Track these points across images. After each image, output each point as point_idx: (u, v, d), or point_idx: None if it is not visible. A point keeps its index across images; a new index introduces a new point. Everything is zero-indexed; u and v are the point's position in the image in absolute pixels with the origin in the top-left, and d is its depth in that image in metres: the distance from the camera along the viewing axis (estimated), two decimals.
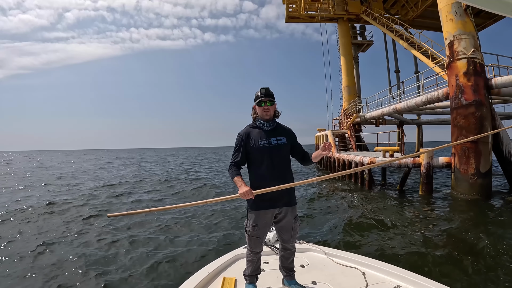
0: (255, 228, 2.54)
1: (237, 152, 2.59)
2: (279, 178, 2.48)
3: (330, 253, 3.36)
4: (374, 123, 20.80)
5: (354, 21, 26.86)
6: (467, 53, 11.07)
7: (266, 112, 2.58)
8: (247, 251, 2.69)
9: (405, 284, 2.61)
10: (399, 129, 20.48)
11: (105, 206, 10.58)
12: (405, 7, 25.85)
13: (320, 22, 26.00)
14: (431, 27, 24.54)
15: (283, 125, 2.75)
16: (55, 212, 9.59)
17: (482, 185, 10.16)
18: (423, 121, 23.92)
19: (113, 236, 6.93)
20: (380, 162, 3.73)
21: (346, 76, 26.02)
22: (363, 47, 29.10)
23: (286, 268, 2.75)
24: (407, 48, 18.76)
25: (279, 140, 2.57)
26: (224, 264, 3.10)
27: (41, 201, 11.18)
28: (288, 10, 27.51)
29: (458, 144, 10.61)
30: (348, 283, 2.71)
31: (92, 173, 24.98)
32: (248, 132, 2.62)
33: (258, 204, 2.48)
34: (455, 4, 11.80)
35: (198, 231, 7.32)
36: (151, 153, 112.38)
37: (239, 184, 2.41)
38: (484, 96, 10.68)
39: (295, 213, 2.68)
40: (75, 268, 5.10)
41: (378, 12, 23.17)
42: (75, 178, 21.42)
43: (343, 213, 9.00)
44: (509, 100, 15.36)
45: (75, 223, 8.22)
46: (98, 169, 29.86)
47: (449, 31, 11.85)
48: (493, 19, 22.91)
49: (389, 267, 2.90)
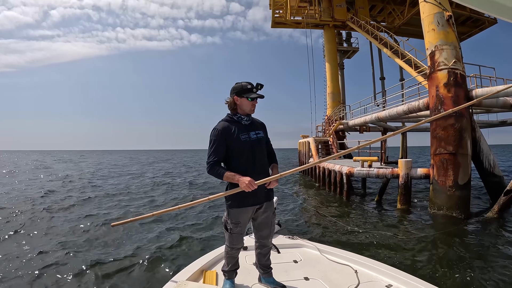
0: (238, 225, 2.47)
1: (217, 149, 2.40)
2: (260, 172, 2.45)
3: (323, 249, 3.40)
4: (358, 130, 20.76)
5: (340, 27, 26.89)
6: (448, 64, 11.02)
7: (254, 108, 2.51)
8: (226, 247, 2.60)
9: (396, 284, 2.64)
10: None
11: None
12: (391, 15, 25.99)
13: (306, 28, 25.96)
14: (417, 35, 24.71)
15: (256, 118, 2.68)
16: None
17: (460, 197, 10.03)
18: (407, 128, 23.97)
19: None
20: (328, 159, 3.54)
21: (330, 83, 25.99)
22: (349, 54, 29.16)
23: (263, 266, 2.70)
24: (390, 57, 18.77)
25: (258, 134, 2.52)
26: (207, 263, 3.03)
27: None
28: (274, 16, 27.44)
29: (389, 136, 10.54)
30: (340, 280, 2.73)
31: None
32: (227, 126, 2.46)
33: (241, 200, 2.39)
34: (437, 14, 11.79)
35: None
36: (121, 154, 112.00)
37: (237, 178, 2.29)
38: (465, 107, 10.62)
39: (273, 208, 2.66)
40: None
41: (364, 19, 23.19)
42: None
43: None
44: (491, 110, 15.48)
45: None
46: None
47: (430, 41, 11.83)
48: (479, 27, 23.21)
49: (381, 266, 2.93)
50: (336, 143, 19.68)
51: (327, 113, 25.52)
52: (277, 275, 2.72)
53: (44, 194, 13.73)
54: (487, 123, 18.90)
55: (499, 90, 10.01)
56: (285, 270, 2.94)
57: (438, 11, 11.79)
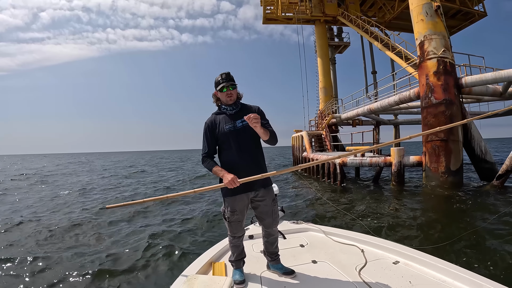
0: (234, 213, 2.47)
1: (206, 142, 2.50)
2: (249, 161, 2.44)
3: (329, 231, 3.41)
4: (351, 123, 20.88)
5: (331, 23, 27.00)
6: (437, 52, 11.16)
7: (230, 98, 2.48)
8: (229, 237, 2.61)
9: (403, 260, 2.65)
10: (375, 129, 20.61)
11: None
12: (382, 9, 26.13)
13: (297, 24, 26.06)
14: (407, 29, 24.79)
15: (248, 105, 2.63)
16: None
17: (452, 182, 10.18)
18: (400, 121, 24.18)
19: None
20: (322, 159, 3.59)
21: (322, 77, 26.06)
22: (340, 49, 29.28)
23: (271, 253, 2.66)
24: (381, 49, 18.92)
25: (244, 122, 2.42)
26: (215, 254, 2.98)
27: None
28: (265, 12, 27.42)
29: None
30: (347, 260, 2.72)
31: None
32: (214, 119, 2.53)
33: (233, 188, 2.33)
34: (426, 5, 11.95)
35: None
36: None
37: (222, 174, 2.33)
38: (454, 95, 10.76)
39: (272, 195, 2.60)
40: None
41: (354, 14, 23.34)
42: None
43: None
44: (482, 99, 15.67)
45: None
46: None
47: (419, 31, 11.97)
48: (469, 20, 23.41)
49: (387, 243, 2.94)
50: (329, 137, 19.77)
51: (319, 107, 25.63)
52: (284, 260, 2.71)
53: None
54: (478, 114, 19.06)
55: (489, 78, 10.25)
56: (293, 255, 2.93)
57: (427, 1, 11.96)
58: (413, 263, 2.58)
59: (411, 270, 2.51)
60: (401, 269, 2.53)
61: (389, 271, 2.52)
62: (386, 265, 2.61)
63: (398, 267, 2.56)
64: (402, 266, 2.58)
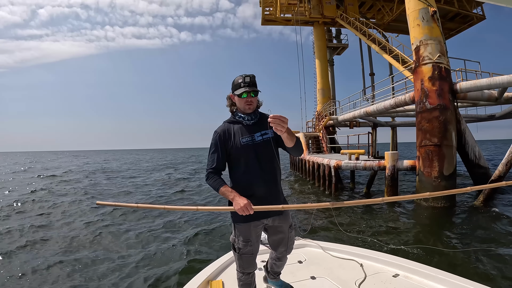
0: (248, 244, 2.09)
1: (215, 155, 2.06)
2: (268, 181, 2.07)
3: (326, 247, 3.38)
4: (348, 125, 20.94)
5: (330, 24, 27.00)
6: (433, 58, 11.22)
7: (249, 106, 2.06)
8: (238, 273, 2.24)
9: (403, 272, 2.66)
10: (372, 131, 20.69)
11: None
12: (381, 12, 26.17)
13: (296, 25, 26.07)
14: (406, 31, 24.62)
15: (266, 114, 2.16)
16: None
17: (446, 187, 10.24)
18: (397, 123, 24.25)
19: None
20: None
21: (320, 79, 26.10)
22: (339, 50, 29.36)
23: (274, 273, 2.49)
24: (379, 52, 18.96)
25: (265, 135, 2.07)
26: (213, 272, 2.90)
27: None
28: (264, 13, 27.39)
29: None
30: (346, 275, 2.72)
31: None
32: (227, 128, 2.10)
33: (248, 214, 1.92)
34: (422, 10, 11.99)
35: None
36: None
37: (232, 196, 1.93)
38: (449, 100, 10.84)
39: (289, 221, 2.24)
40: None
41: (353, 16, 23.36)
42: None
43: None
44: (478, 104, 15.75)
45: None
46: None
47: (415, 36, 12.04)
48: (468, 23, 23.40)
49: (386, 256, 2.93)
50: (326, 138, 19.86)
51: (317, 109, 25.69)
52: (283, 277, 2.61)
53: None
54: (475, 117, 19.13)
55: (483, 84, 10.33)
56: (291, 271, 2.86)
57: (423, 6, 11.99)
58: (413, 275, 2.59)
59: (412, 282, 2.51)
60: (401, 282, 2.53)
61: (389, 284, 2.52)
62: (386, 279, 2.61)
63: (398, 280, 2.57)
64: (402, 279, 2.58)
